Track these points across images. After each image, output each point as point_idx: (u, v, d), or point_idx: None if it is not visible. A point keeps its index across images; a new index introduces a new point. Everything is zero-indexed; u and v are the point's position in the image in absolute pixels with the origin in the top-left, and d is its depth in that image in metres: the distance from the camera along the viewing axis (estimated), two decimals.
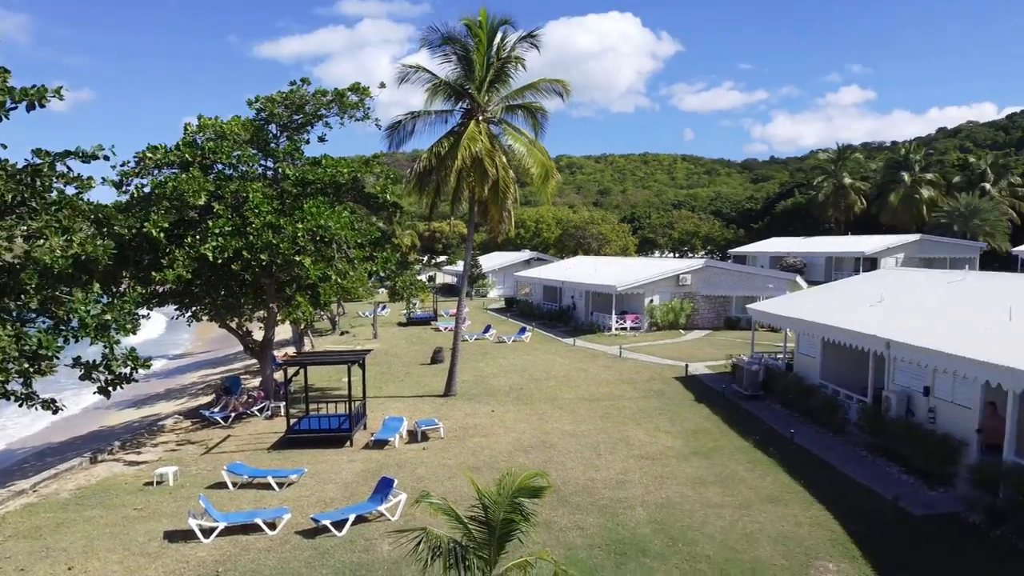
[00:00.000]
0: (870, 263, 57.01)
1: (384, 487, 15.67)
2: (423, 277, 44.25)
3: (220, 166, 24.33)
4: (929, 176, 74.19)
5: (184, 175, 22.24)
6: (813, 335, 23.17)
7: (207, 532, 14.76)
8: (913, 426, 17.27)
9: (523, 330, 42.36)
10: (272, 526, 15.03)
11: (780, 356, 27.58)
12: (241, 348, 29.96)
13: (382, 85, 25.59)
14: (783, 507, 15.38)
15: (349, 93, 25.13)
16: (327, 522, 14.72)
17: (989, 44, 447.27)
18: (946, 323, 18.46)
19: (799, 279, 43.09)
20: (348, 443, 21.16)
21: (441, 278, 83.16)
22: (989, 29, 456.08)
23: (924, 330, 18.12)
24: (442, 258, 64.59)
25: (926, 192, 72.29)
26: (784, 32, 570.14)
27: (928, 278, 25.44)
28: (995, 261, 60.46)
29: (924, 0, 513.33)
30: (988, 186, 70.60)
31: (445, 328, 45.52)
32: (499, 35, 25.41)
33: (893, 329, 18.88)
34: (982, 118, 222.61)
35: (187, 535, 14.81)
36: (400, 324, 50.32)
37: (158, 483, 18.38)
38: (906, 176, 73.21)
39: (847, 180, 79.13)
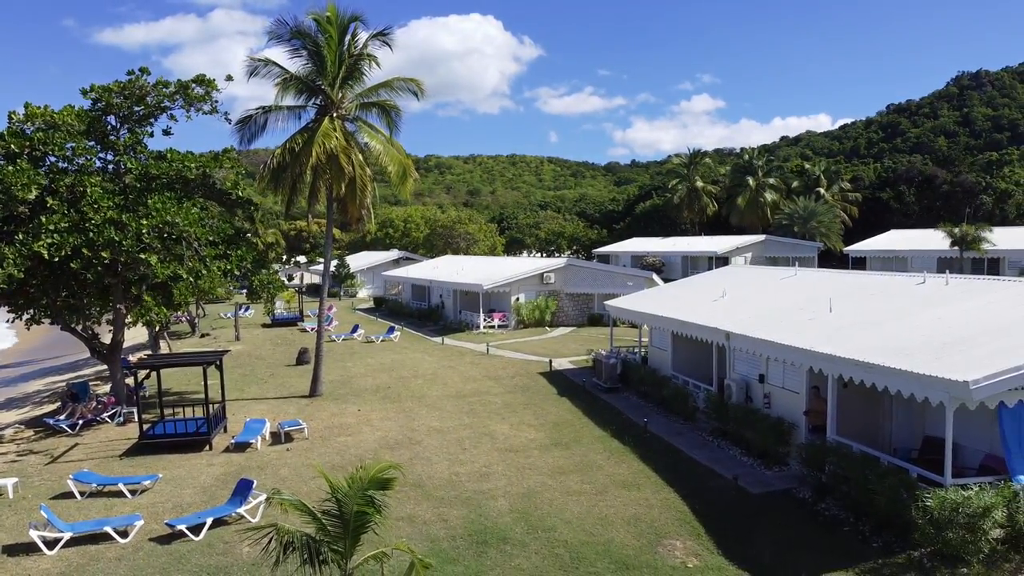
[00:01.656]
0: (722, 261, 60.79)
1: (243, 489, 15.30)
2: (284, 276, 42.95)
3: (53, 158, 22.69)
4: (771, 181, 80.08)
5: (11, 167, 20.64)
6: (664, 329, 24.57)
7: (51, 544, 13.98)
8: (751, 411, 18.72)
9: (392, 329, 42.09)
10: (123, 534, 14.40)
11: (636, 350, 29.02)
12: (87, 354, 28.04)
13: (229, 78, 24.84)
14: (636, 491, 16.29)
15: (194, 85, 24.20)
16: (183, 527, 14.25)
17: (823, 58, 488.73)
18: (777, 315, 20.11)
19: (655, 276, 45.35)
20: (207, 447, 20.44)
21: (309, 278, 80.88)
22: (824, 44, 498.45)
23: (758, 322, 19.66)
24: (302, 258, 62.92)
25: (769, 196, 78.01)
26: (639, 40, 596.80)
27: (764, 274, 27.63)
28: (832, 260, 66.14)
29: (766, 14, 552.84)
30: (823, 191, 77.20)
31: (311, 329, 44.41)
32: (350, 32, 25.34)
33: (732, 322, 20.28)
34: (819, 128, 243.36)
35: (29, 548, 13.99)
36: (264, 325, 48.60)
37: None
38: (751, 181, 78.65)
39: (699, 184, 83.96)
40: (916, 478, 13.14)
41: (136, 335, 46.39)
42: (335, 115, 25.46)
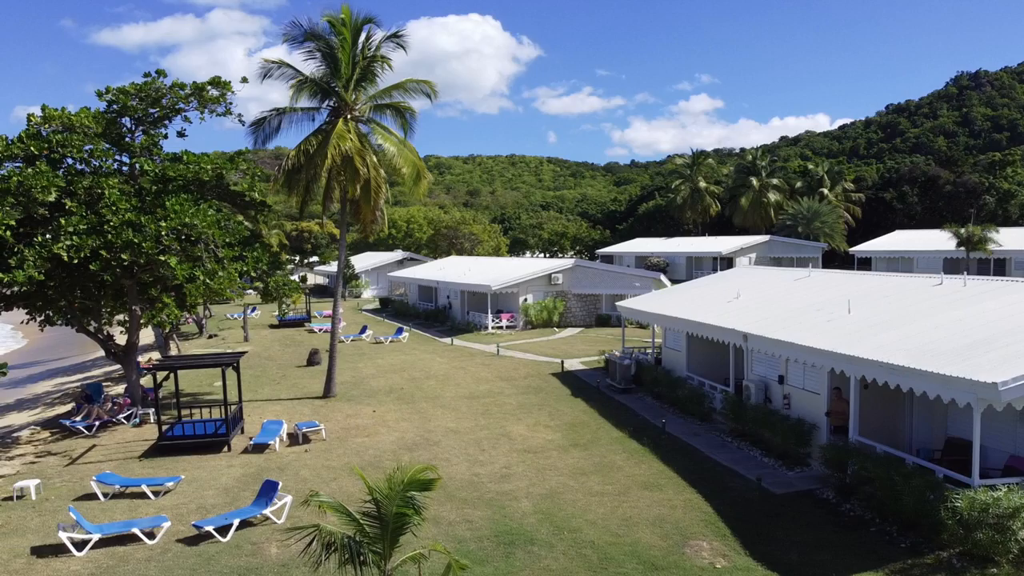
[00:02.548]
0: (726, 262, 61.03)
1: (268, 490, 15.34)
2: (295, 277, 43.05)
3: (71, 160, 22.78)
4: (775, 181, 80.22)
5: (30, 169, 20.70)
6: (679, 330, 24.62)
7: (80, 545, 14.00)
8: (770, 412, 18.82)
9: (400, 330, 42.14)
10: (151, 535, 14.44)
11: (649, 351, 29.08)
12: (95, 355, 28.12)
13: (244, 80, 24.92)
14: (658, 492, 16.36)
15: (209, 87, 24.26)
16: (210, 528, 14.28)
17: (822, 58, 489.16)
18: (795, 316, 20.17)
19: (663, 277, 45.42)
20: (226, 448, 20.48)
21: (312, 279, 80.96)
22: (823, 44, 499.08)
23: (776, 323, 19.73)
24: (314, 258, 62.95)
25: (772, 196, 78.15)
26: (637, 40, 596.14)
27: (778, 275, 27.69)
28: (835, 260, 66.29)
29: (764, 14, 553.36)
30: (826, 191, 77.32)
31: (319, 329, 44.52)
32: (364, 34, 25.46)
33: (749, 323, 20.37)
34: (818, 128, 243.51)
35: (58, 549, 14.01)
36: (272, 326, 48.68)
37: (18, 497, 17.19)
38: (754, 181, 78.79)
39: (702, 184, 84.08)
40: (943, 479, 13.21)
41: (143, 336, 46.36)
42: (349, 117, 25.53)
